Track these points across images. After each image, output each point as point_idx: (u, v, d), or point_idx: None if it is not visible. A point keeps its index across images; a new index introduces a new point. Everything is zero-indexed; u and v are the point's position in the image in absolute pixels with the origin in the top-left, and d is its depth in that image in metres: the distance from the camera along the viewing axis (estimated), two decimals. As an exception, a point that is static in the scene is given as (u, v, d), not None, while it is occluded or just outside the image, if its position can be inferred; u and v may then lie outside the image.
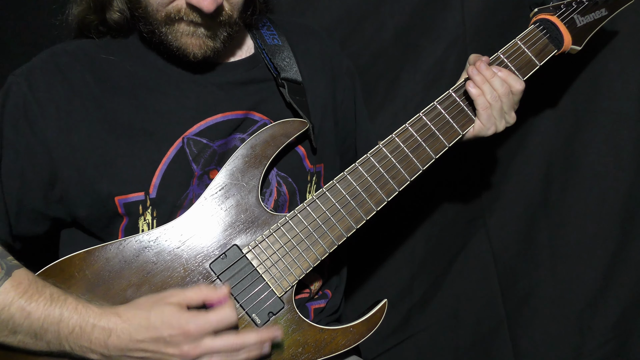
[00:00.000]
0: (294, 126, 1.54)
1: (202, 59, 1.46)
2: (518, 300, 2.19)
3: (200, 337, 1.27)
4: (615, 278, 2.08)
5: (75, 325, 1.27)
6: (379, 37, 2.08)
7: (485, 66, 1.55)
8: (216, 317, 1.29)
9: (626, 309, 2.08)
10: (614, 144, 2.02)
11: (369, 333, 1.53)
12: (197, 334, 1.26)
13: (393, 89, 2.13)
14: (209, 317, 1.28)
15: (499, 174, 2.16)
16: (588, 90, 2.02)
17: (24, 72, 1.47)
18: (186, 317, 1.27)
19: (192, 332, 1.26)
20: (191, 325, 1.26)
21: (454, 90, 1.58)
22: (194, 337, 1.26)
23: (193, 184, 1.49)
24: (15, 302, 1.27)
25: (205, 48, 1.44)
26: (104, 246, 1.40)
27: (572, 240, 2.10)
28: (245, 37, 1.67)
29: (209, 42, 1.44)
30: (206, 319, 1.28)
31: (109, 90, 1.48)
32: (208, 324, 1.28)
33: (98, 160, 1.44)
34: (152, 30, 1.44)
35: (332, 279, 1.76)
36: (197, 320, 1.27)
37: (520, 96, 1.60)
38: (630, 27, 1.93)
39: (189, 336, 1.26)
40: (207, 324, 1.27)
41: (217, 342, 1.29)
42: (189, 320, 1.27)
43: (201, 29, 1.42)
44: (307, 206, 1.49)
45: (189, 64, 1.52)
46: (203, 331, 1.27)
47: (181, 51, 1.44)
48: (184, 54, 1.44)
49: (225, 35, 1.46)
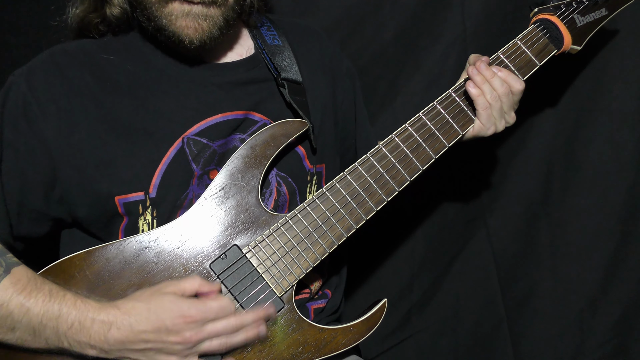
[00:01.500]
0: (294, 126, 1.53)
1: (199, 46, 1.43)
2: (518, 300, 2.18)
3: (201, 322, 1.28)
4: (615, 278, 2.07)
5: (74, 321, 1.27)
6: (379, 37, 2.07)
7: (485, 66, 1.54)
8: (218, 304, 1.31)
9: (626, 309, 2.07)
10: (614, 144, 2.01)
11: (369, 332, 1.53)
12: (199, 319, 1.28)
13: (393, 89, 2.13)
14: (211, 304, 1.30)
15: (499, 174, 2.15)
16: (588, 90, 2.01)
17: (23, 72, 1.46)
18: (187, 303, 1.29)
19: (194, 317, 1.27)
20: (193, 311, 1.28)
21: (454, 90, 1.58)
22: (195, 322, 1.28)
23: (193, 183, 1.49)
24: (14, 298, 1.26)
25: (202, 32, 1.41)
26: (104, 246, 1.40)
27: (572, 240, 2.09)
28: (245, 37, 1.66)
29: (204, 24, 1.41)
30: (208, 305, 1.30)
31: (109, 89, 1.47)
32: (210, 310, 1.29)
33: (98, 160, 1.43)
34: (149, 18, 1.42)
35: (332, 279, 1.76)
36: (199, 306, 1.29)
37: (520, 96, 1.59)
38: (631, 27, 1.92)
39: (191, 322, 1.27)
40: (208, 309, 1.29)
41: (218, 325, 1.30)
42: (190, 307, 1.28)
43: (196, 8, 1.39)
44: (307, 206, 1.48)
45: (189, 62, 1.51)
46: (205, 317, 1.29)
47: (176, 36, 1.41)
48: (179, 39, 1.41)
49: (222, 21, 1.43)
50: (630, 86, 1.96)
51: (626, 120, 1.99)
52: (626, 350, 2.09)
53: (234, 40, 1.63)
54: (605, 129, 2.01)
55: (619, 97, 1.98)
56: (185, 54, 1.52)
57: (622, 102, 1.98)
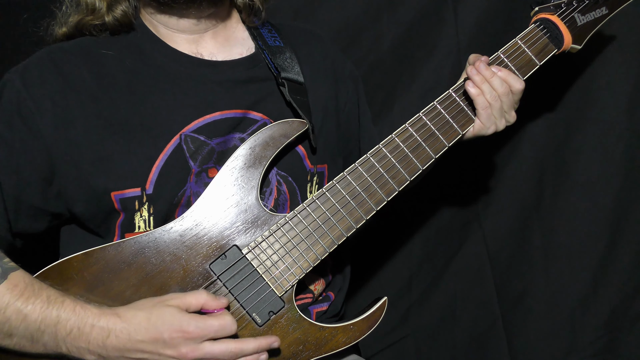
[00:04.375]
0: (294, 126, 1.36)
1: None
2: (512, 299, 2.05)
3: (199, 340, 1.13)
4: (605, 278, 1.95)
5: (73, 327, 1.13)
6: (376, 48, 1.95)
7: (485, 66, 1.37)
8: (218, 323, 1.15)
9: (615, 308, 1.96)
10: (603, 151, 1.90)
11: (369, 330, 1.37)
12: (197, 336, 1.12)
13: (390, 98, 2.00)
14: (211, 322, 1.14)
15: (494, 179, 2.04)
16: (578, 100, 1.90)
17: (18, 70, 1.31)
18: (187, 318, 1.13)
19: (192, 334, 1.12)
20: (192, 327, 1.12)
21: (454, 90, 1.41)
22: (193, 339, 1.12)
23: (190, 181, 1.32)
24: (11, 304, 1.12)
25: None
26: (102, 248, 1.23)
27: (564, 242, 1.98)
28: (245, 37, 1.50)
29: None
30: (207, 322, 1.14)
31: (106, 85, 1.32)
32: (209, 328, 1.14)
33: (94, 155, 1.28)
34: None
35: (336, 282, 1.59)
36: (198, 322, 1.13)
37: (520, 95, 1.42)
38: (619, 39, 1.81)
39: (189, 338, 1.12)
40: (208, 327, 1.14)
41: (216, 347, 1.14)
42: (190, 322, 1.13)
43: None
44: (307, 206, 1.32)
45: (187, 59, 1.37)
46: (203, 334, 1.13)
47: None
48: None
49: None
50: (618, 96, 1.86)
51: (614, 129, 1.89)
52: (616, 347, 1.97)
53: (234, 40, 1.47)
54: (594, 137, 1.91)
55: (607, 106, 1.88)
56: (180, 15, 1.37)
57: (610, 111, 1.88)
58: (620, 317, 1.95)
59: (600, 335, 1.96)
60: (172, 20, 1.37)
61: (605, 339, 1.96)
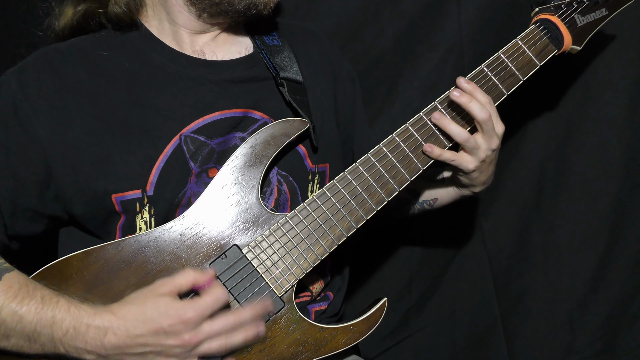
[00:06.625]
0: (294, 125, 1.37)
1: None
2: (512, 300, 2.07)
3: (199, 322, 1.14)
4: (604, 279, 1.98)
5: (69, 327, 1.13)
6: (378, 43, 1.94)
7: (465, 80, 1.37)
8: (211, 298, 1.16)
9: (614, 308, 1.98)
10: (603, 150, 1.92)
11: (369, 331, 1.38)
12: (196, 319, 1.13)
13: (392, 94, 1.99)
14: (204, 300, 1.15)
15: (494, 179, 1.96)
16: (579, 98, 1.91)
17: (14, 71, 1.31)
18: (182, 305, 1.14)
19: (191, 319, 1.13)
20: (189, 313, 1.13)
21: None
22: (193, 323, 1.13)
23: (191, 181, 1.33)
24: (6, 306, 1.12)
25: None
26: (102, 247, 1.24)
27: (563, 242, 2.00)
28: (243, 37, 1.50)
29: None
30: (202, 302, 1.15)
31: (105, 86, 1.32)
32: (205, 307, 1.15)
33: (93, 157, 1.28)
34: None
35: (335, 282, 1.60)
36: (194, 305, 1.14)
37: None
38: (619, 37, 1.82)
39: (189, 324, 1.13)
40: (204, 306, 1.15)
41: (215, 325, 1.16)
42: (186, 308, 1.14)
43: None
44: (307, 206, 1.33)
45: (186, 59, 1.37)
46: (202, 315, 1.14)
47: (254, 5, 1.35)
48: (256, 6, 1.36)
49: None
50: (618, 96, 1.88)
51: (614, 128, 1.90)
52: (614, 347, 1.99)
53: (233, 39, 1.48)
54: (595, 137, 1.92)
55: (607, 106, 1.89)
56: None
57: (610, 110, 1.89)
58: (619, 317, 1.97)
59: (598, 335, 1.98)
60: (197, 22, 1.38)
61: (604, 339, 1.98)
